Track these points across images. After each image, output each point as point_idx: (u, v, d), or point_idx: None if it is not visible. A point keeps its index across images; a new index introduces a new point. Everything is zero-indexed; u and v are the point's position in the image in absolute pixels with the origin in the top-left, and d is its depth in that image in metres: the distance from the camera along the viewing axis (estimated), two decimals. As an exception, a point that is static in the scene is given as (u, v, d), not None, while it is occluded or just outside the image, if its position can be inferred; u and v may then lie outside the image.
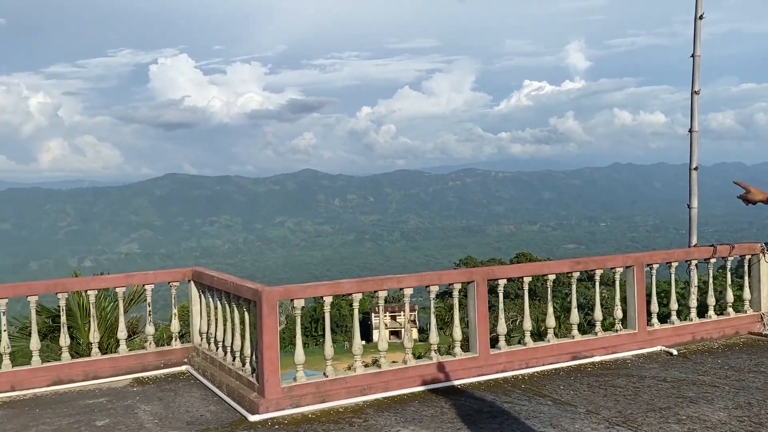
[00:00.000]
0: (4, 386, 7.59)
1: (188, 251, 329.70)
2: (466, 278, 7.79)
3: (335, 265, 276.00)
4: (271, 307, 6.71)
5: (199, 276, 8.36)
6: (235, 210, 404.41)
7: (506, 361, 7.95)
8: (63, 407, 7.16)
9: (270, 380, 6.68)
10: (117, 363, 8.23)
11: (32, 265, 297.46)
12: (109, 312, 12.00)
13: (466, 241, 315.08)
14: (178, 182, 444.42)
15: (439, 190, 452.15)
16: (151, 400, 7.35)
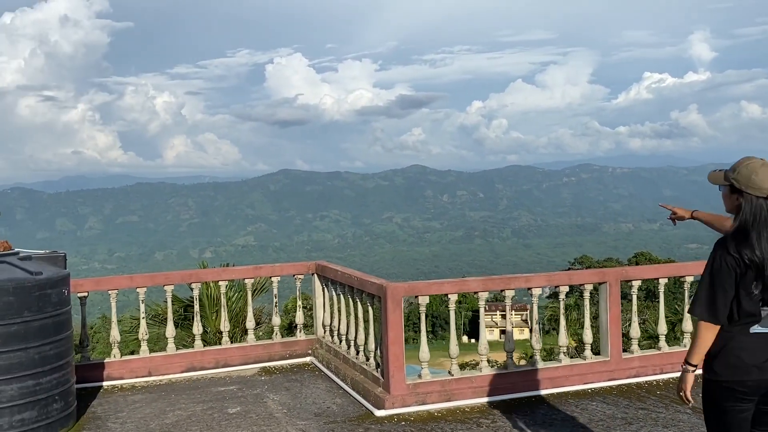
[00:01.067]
0: (142, 371, 7.96)
1: (300, 245, 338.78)
2: (598, 279, 7.45)
3: (443, 261, 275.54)
4: (396, 302, 6.67)
5: (323, 270, 8.45)
6: (345, 205, 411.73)
7: (639, 366, 7.56)
8: (196, 393, 7.42)
9: (395, 376, 6.64)
10: (246, 352, 8.45)
11: (157, 255, 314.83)
12: (234, 302, 12.42)
13: (581, 239, 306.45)
14: (291, 178, 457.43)
15: (552, 187, 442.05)
16: (279, 389, 7.49)
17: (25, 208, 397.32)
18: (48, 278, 6.02)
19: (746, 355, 3.53)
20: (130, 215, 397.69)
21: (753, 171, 3.49)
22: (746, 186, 3.51)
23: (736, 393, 3.55)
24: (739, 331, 3.55)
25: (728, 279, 3.46)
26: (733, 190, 3.58)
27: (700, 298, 3.54)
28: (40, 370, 5.91)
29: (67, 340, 6.28)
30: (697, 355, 3.61)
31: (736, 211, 3.56)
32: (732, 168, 3.61)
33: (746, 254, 3.42)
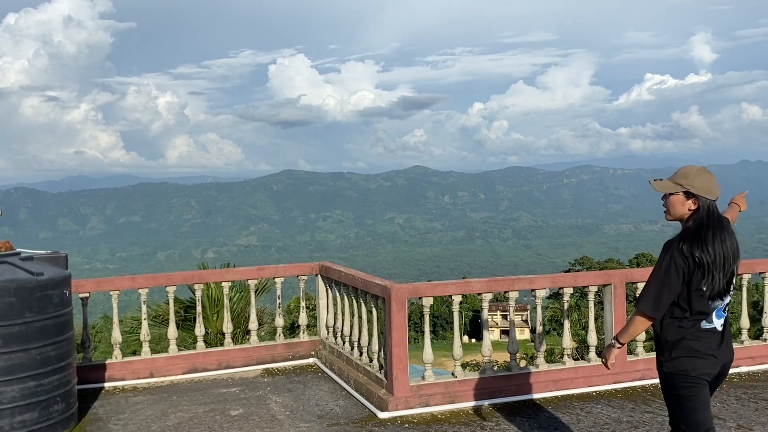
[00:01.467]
0: (144, 372, 7.92)
1: (303, 245, 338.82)
2: (603, 281, 7.40)
3: (444, 261, 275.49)
4: (400, 304, 6.62)
5: (327, 270, 8.41)
6: (347, 205, 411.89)
7: (644, 368, 7.49)
8: (198, 395, 7.38)
9: (399, 378, 6.59)
10: (248, 353, 8.41)
11: (159, 255, 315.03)
12: (236, 303, 12.38)
13: (582, 240, 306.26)
14: (294, 178, 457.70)
15: (553, 188, 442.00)
16: (282, 391, 7.44)
17: (28, 208, 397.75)
18: (49, 279, 5.98)
19: (701, 347, 3.86)
20: (133, 215, 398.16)
21: (708, 179, 3.84)
22: (704, 192, 3.82)
23: (694, 381, 3.87)
24: (692, 326, 3.86)
25: (676, 278, 3.77)
26: (688, 196, 3.85)
27: (649, 294, 3.85)
28: (41, 371, 5.87)
29: (69, 341, 6.24)
30: (627, 338, 4.01)
31: (689, 216, 3.86)
32: (682, 176, 3.89)
33: (698, 253, 3.73)
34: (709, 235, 3.76)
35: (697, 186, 3.82)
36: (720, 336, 3.92)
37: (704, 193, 3.83)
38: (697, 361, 3.85)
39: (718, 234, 3.78)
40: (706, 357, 3.86)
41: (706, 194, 3.83)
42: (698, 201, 3.84)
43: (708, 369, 3.87)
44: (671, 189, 3.90)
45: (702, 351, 3.86)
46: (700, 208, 3.83)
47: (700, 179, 3.84)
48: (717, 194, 3.86)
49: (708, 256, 3.73)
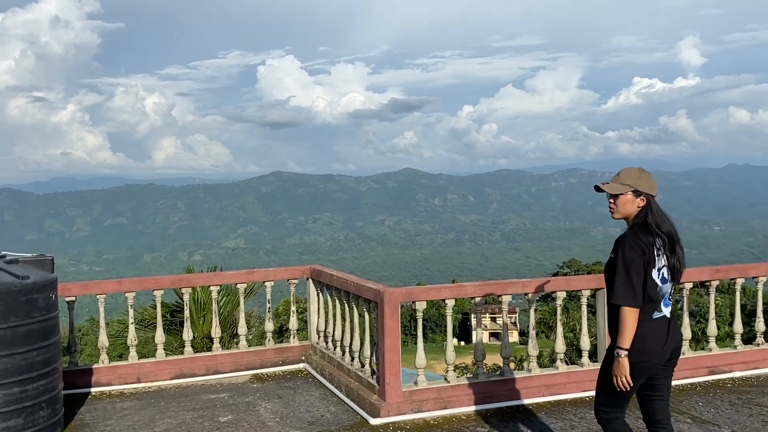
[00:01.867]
0: (131, 378, 7.79)
1: (292, 247, 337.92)
2: (596, 285, 7.34)
3: (434, 264, 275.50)
4: (393, 308, 6.54)
5: (319, 274, 8.31)
6: (337, 208, 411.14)
7: (637, 373, 7.45)
8: (186, 401, 7.26)
9: (391, 383, 6.51)
10: (237, 359, 8.30)
11: (146, 257, 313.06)
12: (223, 306, 12.25)
13: (570, 243, 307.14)
14: (283, 180, 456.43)
15: (541, 191, 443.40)
16: (271, 397, 7.34)
17: (14, 209, 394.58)
18: (35, 282, 5.86)
19: (651, 340, 4.13)
20: (119, 217, 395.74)
21: (649, 178, 4.22)
22: (649, 189, 4.20)
23: (642, 371, 4.15)
24: (645, 316, 4.12)
25: (639, 267, 4.05)
26: (636, 194, 4.20)
27: (620, 286, 4.05)
28: (26, 376, 5.74)
29: (55, 345, 6.11)
30: (628, 339, 4.08)
31: (637, 213, 4.21)
32: (627, 177, 4.25)
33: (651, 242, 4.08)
34: (664, 225, 4.15)
35: (643, 185, 4.19)
36: (668, 323, 4.21)
37: (649, 190, 4.20)
38: (649, 351, 4.12)
39: (664, 224, 4.16)
40: (657, 345, 4.15)
41: (650, 191, 4.20)
42: (645, 198, 4.19)
43: (657, 358, 4.17)
44: (621, 190, 4.23)
45: (654, 340, 4.14)
46: (647, 205, 4.19)
47: (644, 179, 4.20)
48: (656, 193, 4.24)
49: (659, 244, 4.11)
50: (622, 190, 4.23)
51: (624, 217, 4.28)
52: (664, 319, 4.19)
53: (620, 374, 4.10)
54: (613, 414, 4.34)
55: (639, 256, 4.05)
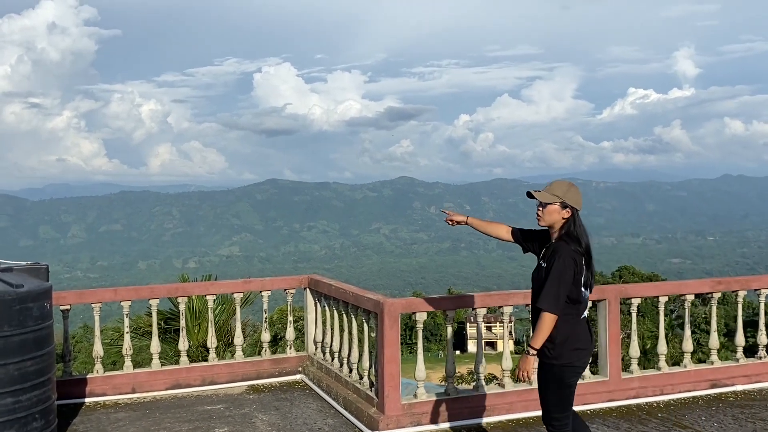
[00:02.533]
0: (126, 388, 7.68)
1: (287, 255, 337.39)
2: (597, 296, 7.26)
3: (430, 273, 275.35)
4: (393, 319, 6.44)
5: (316, 284, 8.21)
6: (333, 216, 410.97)
7: (639, 386, 7.37)
8: (182, 412, 7.15)
9: (391, 396, 6.41)
10: (233, 369, 8.18)
11: (140, 264, 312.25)
12: (218, 315, 12.13)
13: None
14: (278, 187, 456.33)
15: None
16: (268, 409, 7.23)
17: (9, 215, 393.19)
18: (29, 291, 5.74)
19: (584, 339, 4.47)
20: (114, 224, 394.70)
21: (577, 192, 4.51)
22: (574, 203, 4.49)
23: (577, 371, 4.48)
24: (575, 320, 4.43)
25: (570, 278, 4.34)
26: (563, 206, 4.48)
27: (552, 295, 4.32)
28: (19, 387, 5.62)
29: (49, 355, 5.99)
30: (540, 341, 4.35)
31: (562, 224, 4.49)
32: (557, 188, 4.52)
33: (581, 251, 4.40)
34: (583, 237, 4.46)
35: (570, 198, 4.48)
36: (588, 324, 4.55)
37: (574, 204, 4.50)
38: (581, 353, 4.45)
39: (585, 236, 4.49)
40: (587, 347, 4.50)
41: (575, 205, 4.50)
42: (570, 211, 4.49)
43: (588, 358, 4.54)
44: (550, 199, 4.50)
45: (584, 342, 4.48)
46: (571, 217, 4.49)
47: (571, 192, 4.50)
48: (581, 207, 4.57)
49: (586, 254, 4.44)
50: (552, 200, 4.49)
51: (548, 225, 4.57)
52: (587, 321, 4.54)
53: (525, 369, 4.39)
54: (565, 420, 4.54)
55: (571, 268, 4.33)
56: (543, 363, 4.47)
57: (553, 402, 4.50)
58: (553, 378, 4.45)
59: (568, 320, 4.39)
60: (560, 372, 4.43)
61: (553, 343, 4.39)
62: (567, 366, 4.41)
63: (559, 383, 4.45)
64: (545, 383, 4.50)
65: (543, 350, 4.40)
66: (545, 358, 4.43)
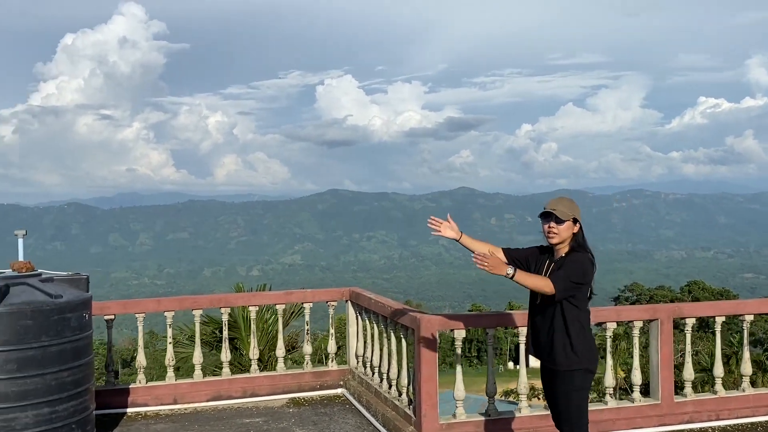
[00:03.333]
0: (167, 398, 7.71)
1: (346, 265, 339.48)
2: (649, 315, 6.93)
3: (491, 285, 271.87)
4: (430, 337, 6.27)
5: (357, 297, 8.11)
6: (392, 226, 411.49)
7: (693, 411, 6.99)
8: (221, 424, 7.13)
9: (428, 415, 6.23)
10: (274, 381, 8.14)
11: (206, 272, 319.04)
12: (271, 325, 12.15)
13: (632, 266, 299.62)
14: (339, 198, 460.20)
15: (603, 212, 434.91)
16: (306, 424, 7.14)
17: (81, 223, 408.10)
18: (68, 302, 5.82)
19: (594, 345, 4.66)
20: (181, 232, 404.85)
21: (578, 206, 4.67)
22: (580, 217, 4.66)
23: (592, 376, 4.61)
24: (588, 326, 4.62)
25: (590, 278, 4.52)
26: (574, 222, 4.61)
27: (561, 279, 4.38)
28: (56, 397, 5.69)
29: (87, 366, 6.05)
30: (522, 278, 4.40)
31: (572, 237, 4.61)
32: (562, 204, 4.61)
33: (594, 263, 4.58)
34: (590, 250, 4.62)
35: (577, 213, 4.65)
36: None
37: (580, 218, 4.68)
38: (595, 358, 4.62)
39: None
40: (597, 352, 4.69)
41: (580, 219, 4.68)
42: (579, 225, 4.64)
43: (597, 364, 4.67)
44: (567, 216, 4.58)
45: (595, 347, 4.66)
46: (580, 231, 4.64)
47: (577, 208, 4.66)
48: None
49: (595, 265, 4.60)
50: (567, 217, 4.59)
51: (560, 242, 4.62)
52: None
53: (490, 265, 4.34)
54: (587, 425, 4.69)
55: (591, 271, 4.53)
56: (563, 372, 4.54)
57: (578, 411, 4.58)
58: (576, 384, 4.54)
59: (584, 327, 4.55)
60: (582, 377, 4.54)
61: (574, 352, 4.50)
62: (588, 371, 4.55)
63: (581, 388, 4.56)
64: (567, 394, 4.57)
65: (564, 358, 4.52)
66: (565, 365, 4.52)
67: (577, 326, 4.49)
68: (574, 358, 4.49)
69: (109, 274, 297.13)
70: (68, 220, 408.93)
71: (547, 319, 4.56)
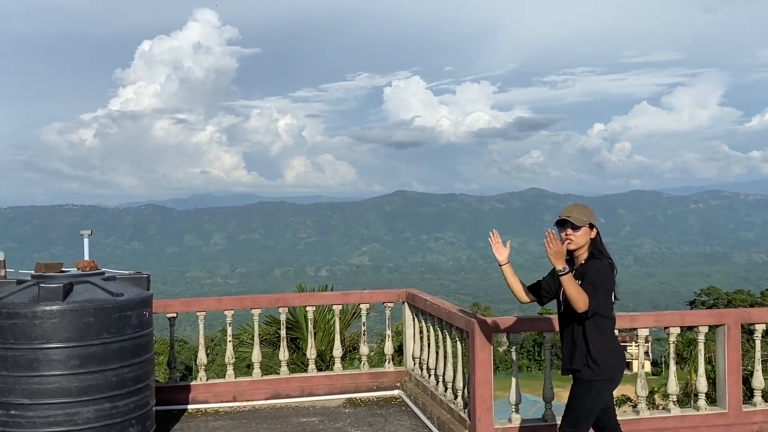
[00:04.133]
0: (227, 396, 7.85)
1: (414, 266, 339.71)
2: (715, 321, 6.65)
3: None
4: (485, 340, 6.18)
5: (414, 299, 8.07)
6: (460, 227, 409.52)
7: (762, 420, 6.66)
8: (278, 423, 7.21)
9: (482, 419, 6.14)
10: (332, 381, 8.18)
11: (276, 272, 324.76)
12: (332, 325, 12.25)
13: (709, 269, 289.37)
14: (406, 199, 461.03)
15: (679, 213, 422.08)
16: (362, 424, 7.15)
17: (157, 224, 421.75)
18: (129, 300, 5.99)
19: (620, 354, 4.60)
20: (252, 233, 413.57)
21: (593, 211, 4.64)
22: (595, 222, 4.61)
23: (615, 386, 4.56)
24: (612, 335, 4.58)
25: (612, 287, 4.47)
26: (590, 227, 4.58)
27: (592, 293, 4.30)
28: (117, 393, 5.86)
29: (147, 363, 6.22)
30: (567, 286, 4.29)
31: (590, 243, 4.58)
32: (580, 211, 4.57)
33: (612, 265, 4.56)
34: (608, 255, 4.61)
35: (593, 219, 4.60)
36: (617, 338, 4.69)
37: (597, 223, 4.61)
38: (620, 368, 4.55)
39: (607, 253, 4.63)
40: (623, 362, 4.61)
41: (596, 224, 4.61)
42: (596, 230, 4.60)
43: (623, 372, 4.61)
44: (583, 222, 4.53)
45: (620, 356, 4.59)
46: (597, 236, 4.60)
47: (591, 213, 4.62)
48: None
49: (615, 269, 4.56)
50: (583, 223, 4.54)
51: (578, 247, 4.57)
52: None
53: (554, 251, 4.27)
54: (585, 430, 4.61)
55: (613, 280, 4.48)
56: (583, 379, 4.50)
57: (584, 415, 4.55)
58: (591, 393, 4.50)
59: (606, 335, 4.48)
60: (600, 387, 4.48)
61: (596, 362, 4.45)
62: (608, 381, 4.49)
63: (595, 398, 4.50)
64: (580, 397, 4.54)
65: (586, 368, 4.47)
66: (588, 375, 4.47)
67: (597, 335, 4.44)
68: (596, 368, 4.44)
69: (184, 273, 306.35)
70: (146, 220, 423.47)
71: (568, 327, 4.57)
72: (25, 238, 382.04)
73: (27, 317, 5.61)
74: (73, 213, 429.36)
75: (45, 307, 5.62)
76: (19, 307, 5.64)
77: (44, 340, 5.61)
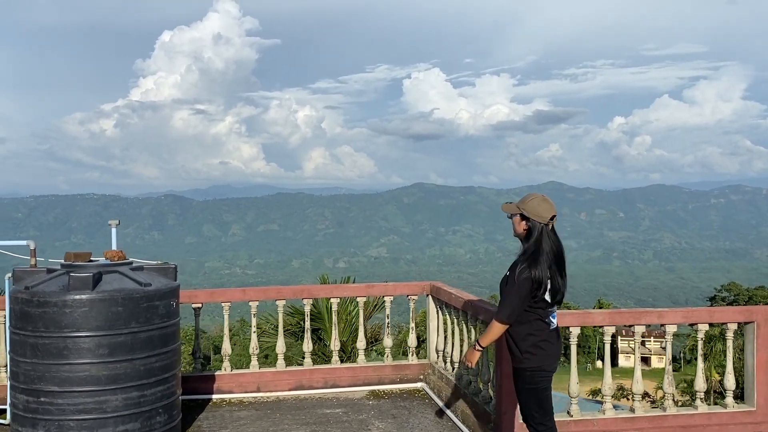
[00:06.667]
0: (251, 386, 7.90)
1: (431, 258, 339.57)
2: (744, 317, 6.58)
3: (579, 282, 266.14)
4: (512, 333, 6.14)
5: (438, 291, 8.06)
6: (478, 220, 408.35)
7: (793, 420, 6.58)
8: (301, 414, 7.23)
9: (507, 413, 6.12)
10: (355, 373, 8.20)
11: (294, 263, 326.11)
12: (354, 316, 12.28)
13: (730, 265, 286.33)
14: (424, 191, 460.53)
15: (699, 208, 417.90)
16: (385, 417, 7.16)
17: (176, 214, 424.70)
18: (156, 290, 6.02)
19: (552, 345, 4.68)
20: (271, 224, 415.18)
21: (538, 204, 4.57)
22: (534, 215, 4.55)
23: (547, 375, 4.66)
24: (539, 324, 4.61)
25: (526, 291, 4.50)
26: (522, 218, 4.62)
27: (507, 307, 4.54)
28: (145, 381, 5.91)
29: (174, 352, 6.26)
30: (486, 342, 4.74)
31: (525, 235, 4.63)
32: (522, 201, 4.65)
33: (536, 273, 4.48)
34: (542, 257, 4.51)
35: (528, 209, 4.56)
36: (557, 333, 4.76)
37: (534, 216, 4.55)
38: (548, 357, 4.63)
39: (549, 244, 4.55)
40: (553, 351, 4.67)
41: (535, 217, 4.55)
42: (529, 223, 4.58)
43: (555, 363, 4.70)
44: (512, 210, 4.67)
45: (548, 346, 4.65)
46: (533, 230, 4.56)
47: (531, 204, 4.58)
48: (547, 218, 4.56)
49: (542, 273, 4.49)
50: (512, 211, 4.66)
51: (518, 237, 4.72)
52: (555, 330, 4.73)
53: (470, 360, 4.78)
54: (547, 422, 4.71)
55: (527, 281, 4.47)
56: (514, 368, 4.75)
57: (531, 405, 4.72)
58: (525, 382, 4.69)
59: (531, 325, 4.60)
60: (531, 376, 4.65)
61: (519, 350, 4.64)
62: (537, 370, 4.63)
63: (533, 387, 4.67)
64: (520, 387, 4.75)
65: (512, 357, 4.72)
66: (515, 362, 4.72)
67: (519, 327, 4.61)
68: (523, 357, 4.64)
69: (203, 263, 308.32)
70: (165, 210, 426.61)
71: None
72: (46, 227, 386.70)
73: (57, 306, 5.67)
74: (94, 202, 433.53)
75: (75, 296, 5.66)
76: (49, 295, 5.70)
77: (74, 328, 5.66)
